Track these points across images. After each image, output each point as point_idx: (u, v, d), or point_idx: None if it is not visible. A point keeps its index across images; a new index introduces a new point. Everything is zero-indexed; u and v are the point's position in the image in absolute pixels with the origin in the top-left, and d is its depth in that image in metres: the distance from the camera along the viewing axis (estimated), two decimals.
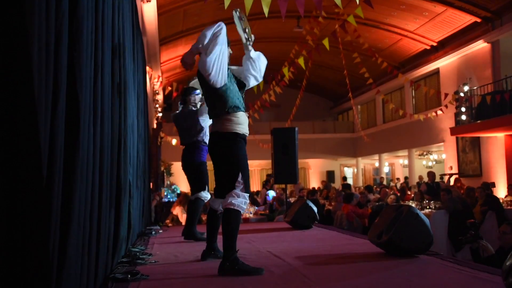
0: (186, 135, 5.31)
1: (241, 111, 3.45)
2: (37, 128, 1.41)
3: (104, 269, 2.96)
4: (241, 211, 3.33)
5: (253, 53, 3.66)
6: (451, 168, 15.55)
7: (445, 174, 14.24)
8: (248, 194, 3.38)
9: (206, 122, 5.17)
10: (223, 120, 3.41)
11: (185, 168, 5.40)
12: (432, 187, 11.64)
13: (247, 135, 3.49)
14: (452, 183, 12.76)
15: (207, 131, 5.21)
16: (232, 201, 3.29)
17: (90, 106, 2.28)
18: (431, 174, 12.42)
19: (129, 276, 2.99)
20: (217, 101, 3.44)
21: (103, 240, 2.81)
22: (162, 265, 3.59)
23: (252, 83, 3.71)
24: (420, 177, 18.03)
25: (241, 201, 3.31)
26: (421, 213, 3.53)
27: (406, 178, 20.27)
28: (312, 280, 2.87)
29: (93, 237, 2.50)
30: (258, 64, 3.67)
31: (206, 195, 5.28)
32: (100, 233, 2.69)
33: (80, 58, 1.90)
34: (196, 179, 5.30)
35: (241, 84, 3.60)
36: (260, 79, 3.72)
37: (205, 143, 5.18)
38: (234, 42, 3.85)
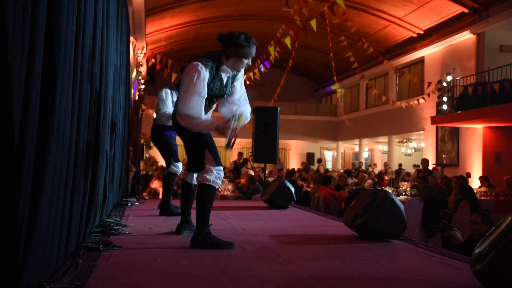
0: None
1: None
2: (10, 86, 1.36)
3: (77, 237, 2.94)
4: (216, 186, 3.35)
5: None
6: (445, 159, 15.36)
7: (446, 165, 14.04)
8: (221, 167, 3.39)
9: None
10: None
11: (154, 141, 5.40)
12: (423, 175, 11.56)
13: None
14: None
15: None
16: (207, 177, 3.31)
17: (70, 70, 2.22)
18: (424, 161, 12.44)
19: (102, 246, 2.97)
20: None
21: (77, 208, 2.78)
22: (136, 236, 3.57)
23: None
24: (400, 165, 18.24)
25: (215, 176, 3.33)
26: (397, 199, 3.56)
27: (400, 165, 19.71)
28: (284, 258, 2.89)
29: (67, 204, 2.46)
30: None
31: (177, 168, 5.27)
32: (74, 201, 2.66)
33: (58, 19, 1.84)
34: (166, 152, 5.28)
35: (222, 95, 3.51)
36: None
37: None
38: None
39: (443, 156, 14.70)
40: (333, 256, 3.08)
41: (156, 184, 9.42)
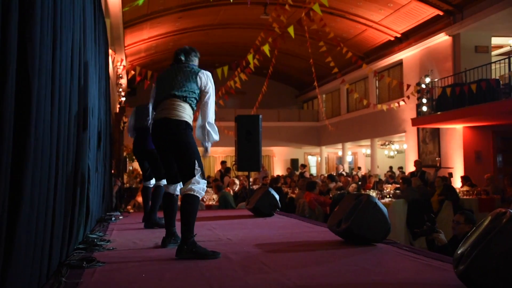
0: (144, 118, 5.18)
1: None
2: None
3: (59, 255, 2.90)
4: (200, 197, 3.39)
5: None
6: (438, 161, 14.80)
7: (440, 167, 13.85)
8: (205, 181, 3.44)
9: None
10: (180, 108, 3.46)
11: (139, 154, 5.39)
12: (414, 176, 11.35)
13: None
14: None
15: None
16: (193, 187, 3.35)
17: (46, 86, 2.20)
18: (418, 163, 12.39)
19: (85, 262, 2.94)
20: (189, 92, 3.50)
21: (58, 226, 2.74)
22: (120, 252, 3.54)
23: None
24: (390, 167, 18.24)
25: (200, 187, 3.38)
26: (380, 202, 3.59)
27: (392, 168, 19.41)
28: (269, 267, 2.88)
29: (48, 222, 2.43)
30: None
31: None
32: (55, 218, 2.62)
33: (32, 36, 1.83)
34: (155, 166, 5.25)
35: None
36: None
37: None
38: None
39: (437, 158, 14.67)
40: (319, 262, 3.08)
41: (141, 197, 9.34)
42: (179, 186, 3.67)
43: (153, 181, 5.50)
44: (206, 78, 3.57)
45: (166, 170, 3.68)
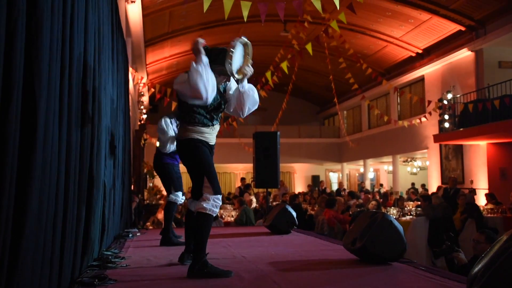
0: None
1: (206, 126, 3.47)
2: None
3: (71, 272, 2.90)
4: (213, 215, 3.34)
5: (246, 88, 3.56)
6: (471, 182, 14.31)
7: (474, 191, 13.35)
8: (219, 195, 3.38)
9: None
10: (183, 130, 3.49)
11: (156, 169, 5.43)
12: (448, 193, 11.09)
13: (210, 143, 3.51)
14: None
15: None
16: (204, 205, 3.31)
17: (55, 107, 2.23)
18: (452, 180, 11.94)
19: (96, 280, 2.94)
20: (185, 113, 3.48)
21: (69, 243, 2.75)
22: (133, 269, 3.53)
23: (233, 113, 3.67)
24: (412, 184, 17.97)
25: (212, 205, 3.32)
26: (395, 221, 3.52)
27: (413, 185, 19.13)
28: (281, 286, 2.84)
29: (56, 239, 2.43)
30: (246, 102, 3.55)
31: (176, 197, 5.25)
32: (65, 235, 2.63)
33: (39, 58, 1.85)
34: (166, 181, 5.29)
35: (219, 105, 3.57)
36: (242, 116, 3.67)
37: None
38: None
39: (470, 180, 14.21)
40: (332, 282, 3.02)
41: (161, 214, 9.32)
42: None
43: (174, 196, 5.42)
44: None
45: (192, 186, 3.61)
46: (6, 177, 1.59)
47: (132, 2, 9.31)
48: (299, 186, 24.51)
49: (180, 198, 5.32)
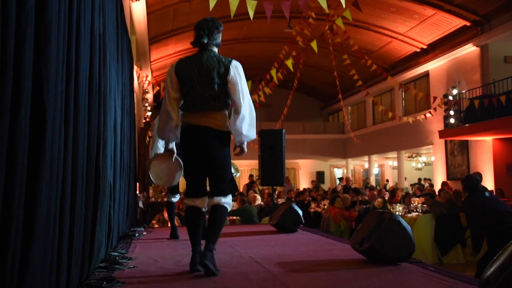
0: None
1: None
2: None
3: (79, 275, 2.90)
4: (229, 209, 3.42)
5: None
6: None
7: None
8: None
9: None
10: (221, 116, 3.39)
11: None
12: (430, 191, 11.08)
13: None
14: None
15: None
16: (223, 200, 3.36)
17: (61, 109, 2.21)
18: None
19: (104, 282, 2.93)
20: (225, 95, 3.38)
21: (77, 244, 2.74)
22: (140, 270, 3.52)
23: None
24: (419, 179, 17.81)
25: (230, 198, 3.41)
26: (403, 221, 3.49)
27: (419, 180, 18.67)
28: None
29: (64, 242, 2.43)
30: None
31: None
32: (73, 238, 2.62)
33: (47, 61, 1.84)
34: None
35: None
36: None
37: None
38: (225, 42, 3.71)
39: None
40: (340, 283, 3.00)
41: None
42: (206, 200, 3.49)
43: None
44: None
45: (195, 182, 3.48)
46: (16, 182, 1.59)
47: (136, 0, 9.28)
48: (304, 182, 24.48)
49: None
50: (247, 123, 3.42)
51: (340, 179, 21.17)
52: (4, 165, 1.47)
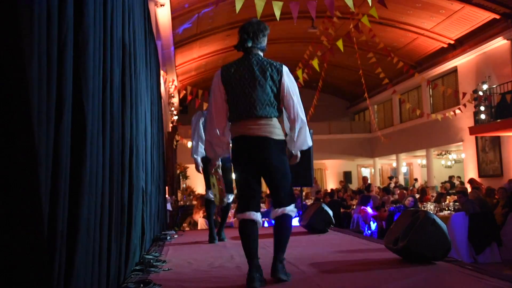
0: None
1: None
2: (32, 138, 1.37)
3: (117, 278, 2.95)
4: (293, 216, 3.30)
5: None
6: None
7: None
8: None
9: None
10: (277, 123, 3.22)
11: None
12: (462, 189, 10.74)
13: None
14: None
15: None
16: (288, 208, 3.22)
17: (99, 116, 2.26)
18: None
19: (142, 285, 2.97)
20: (278, 100, 3.20)
21: (115, 248, 2.79)
22: (175, 273, 3.56)
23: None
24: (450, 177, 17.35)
25: (293, 207, 3.27)
26: (438, 219, 3.44)
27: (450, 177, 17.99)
28: None
29: (104, 245, 2.47)
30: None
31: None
32: (111, 241, 2.67)
33: (85, 69, 1.88)
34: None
35: None
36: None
37: None
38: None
39: None
40: (376, 283, 2.98)
41: (200, 216, 9.06)
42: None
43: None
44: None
45: (252, 196, 3.24)
46: (60, 186, 1.62)
47: (161, 5, 9.39)
48: (331, 183, 24.33)
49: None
50: (305, 131, 3.27)
51: (391, 178, 20.62)
52: (50, 171, 1.51)
